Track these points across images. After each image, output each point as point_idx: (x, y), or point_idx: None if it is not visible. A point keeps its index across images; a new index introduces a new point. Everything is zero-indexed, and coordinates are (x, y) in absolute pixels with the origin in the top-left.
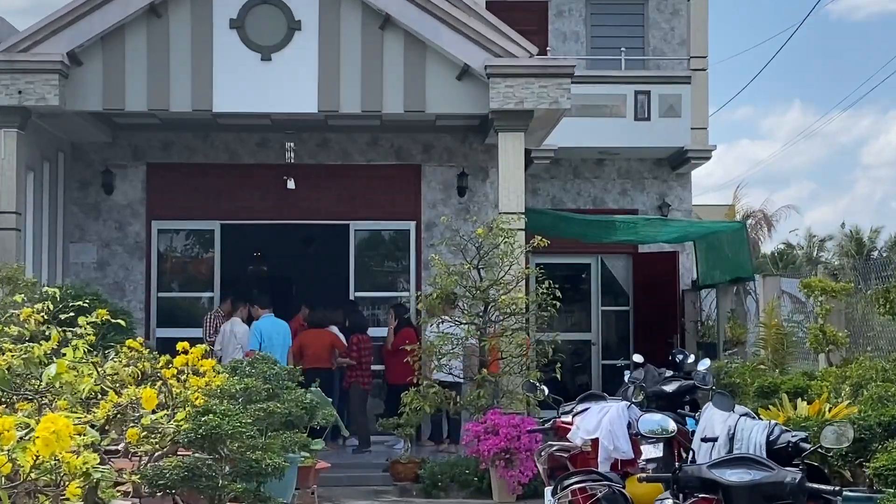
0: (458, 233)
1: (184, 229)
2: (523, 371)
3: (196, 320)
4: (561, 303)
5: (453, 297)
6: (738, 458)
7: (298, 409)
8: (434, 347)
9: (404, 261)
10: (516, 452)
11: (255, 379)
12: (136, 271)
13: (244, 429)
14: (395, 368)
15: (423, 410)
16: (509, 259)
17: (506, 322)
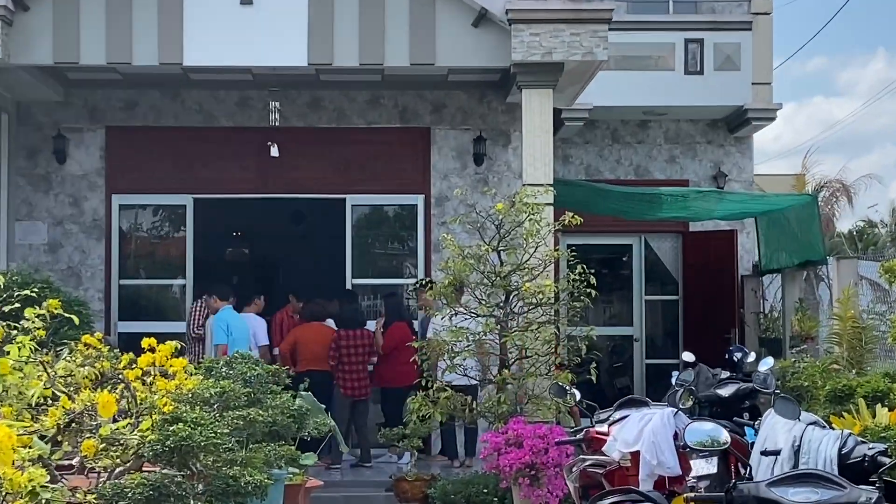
0: (475, 208)
1: (150, 204)
2: (551, 372)
3: (165, 311)
4: (597, 291)
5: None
6: (803, 474)
7: (285, 418)
8: (445, 344)
9: (411, 242)
10: (543, 468)
11: (233, 381)
12: (94, 254)
13: (220, 440)
14: (388, 370)
15: (434, 419)
16: (535, 239)
17: (531, 314)
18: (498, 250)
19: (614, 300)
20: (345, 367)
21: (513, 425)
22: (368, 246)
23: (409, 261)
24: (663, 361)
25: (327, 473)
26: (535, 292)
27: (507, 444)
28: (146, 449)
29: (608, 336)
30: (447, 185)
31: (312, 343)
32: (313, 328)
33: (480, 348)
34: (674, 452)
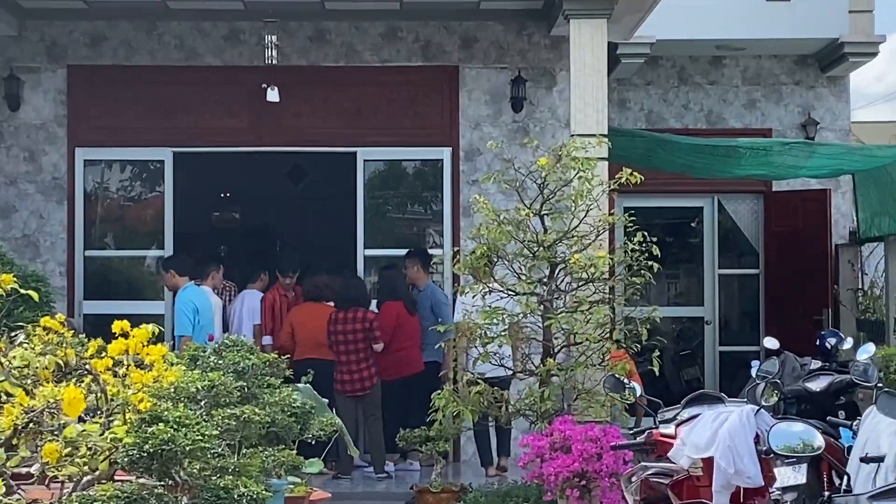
0: (513, 164)
1: (121, 160)
2: (605, 362)
3: (139, 289)
4: (660, 264)
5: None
6: None
7: (285, 417)
8: (477, 328)
9: (435, 204)
10: (596, 477)
11: (223, 373)
12: (54, 220)
13: (209, 444)
14: (381, 359)
15: (464, 417)
16: (586, 201)
17: (580, 292)
18: (541, 214)
19: (681, 275)
20: (340, 357)
21: (559, 426)
22: (384, 210)
23: (432, 227)
24: (741, 349)
25: (335, 483)
26: (585, 265)
27: (551, 448)
28: (120, 454)
29: (674, 318)
30: (479, 135)
31: (314, 327)
32: (314, 310)
33: (519, 333)
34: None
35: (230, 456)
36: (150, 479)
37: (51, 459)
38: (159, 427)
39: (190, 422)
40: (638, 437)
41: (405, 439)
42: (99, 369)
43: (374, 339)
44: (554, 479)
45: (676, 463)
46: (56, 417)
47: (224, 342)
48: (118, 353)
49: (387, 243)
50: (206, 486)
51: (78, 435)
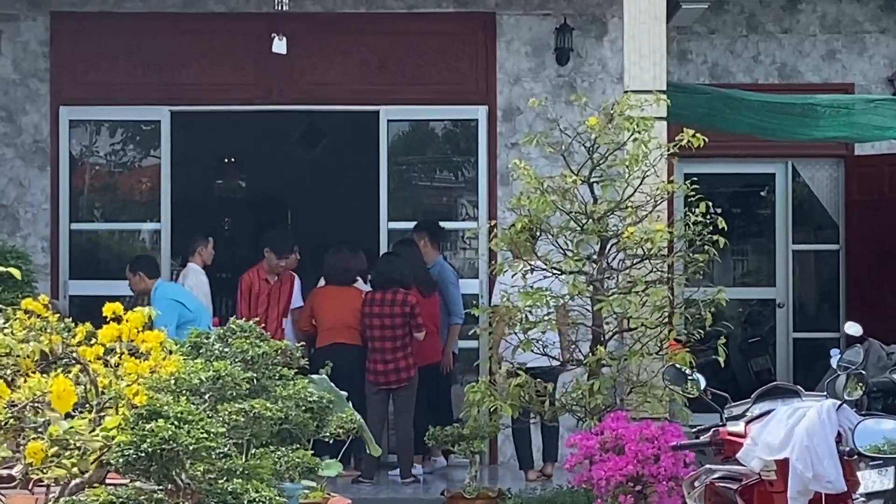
0: (558, 124)
1: (112, 120)
2: (664, 350)
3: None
4: (726, 239)
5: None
6: None
7: (300, 412)
8: (517, 312)
9: (468, 170)
10: (652, 482)
11: (230, 362)
12: (36, 188)
13: (214, 443)
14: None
15: (504, 413)
16: (641, 167)
17: (635, 270)
18: (590, 182)
19: (749, 251)
20: (374, 345)
21: (610, 423)
22: (410, 177)
23: (465, 197)
24: (818, 335)
25: (355, 488)
26: (641, 240)
27: (602, 448)
28: (113, 454)
29: (741, 300)
30: (519, 92)
31: (336, 312)
32: (339, 294)
33: (565, 317)
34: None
35: (238, 457)
36: (147, 482)
37: (35, 460)
38: (158, 423)
39: (193, 418)
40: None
41: (435, 438)
42: (88, 358)
43: (415, 326)
44: (605, 483)
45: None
46: (41, 412)
47: (231, 327)
48: (110, 340)
49: (413, 215)
50: (211, 491)
51: (65, 432)
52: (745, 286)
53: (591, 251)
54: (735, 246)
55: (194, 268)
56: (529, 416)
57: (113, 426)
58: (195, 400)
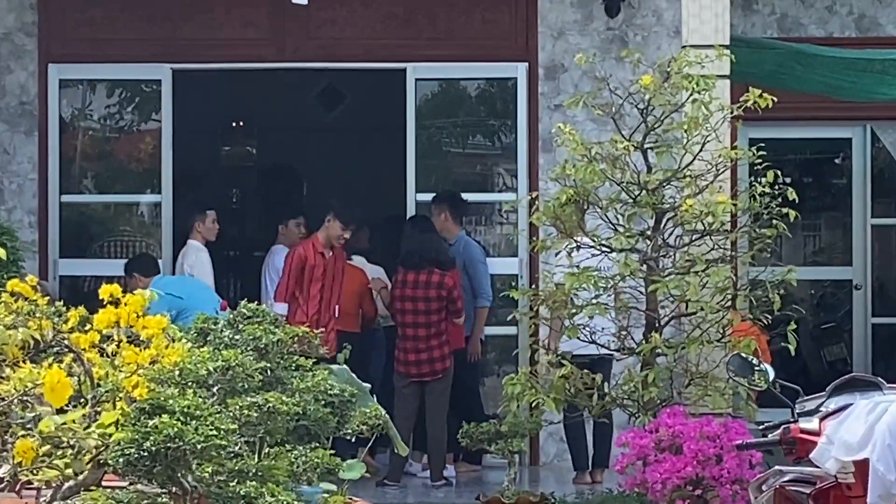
0: (607, 83)
1: (107, 79)
2: (727, 337)
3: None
4: (797, 212)
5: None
6: None
7: (319, 407)
8: (562, 295)
9: (506, 135)
10: (714, 485)
11: (240, 351)
12: (22, 156)
13: (224, 441)
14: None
15: (547, 408)
16: (701, 131)
17: (694, 248)
18: (643, 148)
19: (823, 225)
20: (406, 332)
21: (667, 419)
22: (440, 142)
23: (502, 165)
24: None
25: (380, 492)
26: (700, 214)
27: (657, 448)
28: (111, 454)
29: (813, 281)
30: (563, 47)
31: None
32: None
33: (616, 300)
34: None
35: (250, 456)
36: (150, 484)
37: (24, 460)
38: (162, 419)
39: (200, 413)
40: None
41: (469, 436)
42: (82, 346)
43: (454, 311)
44: (660, 487)
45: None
46: (31, 407)
47: (241, 311)
48: (106, 326)
49: (443, 186)
50: (221, 495)
51: (57, 429)
52: (818, 265)
53: (645, 226)
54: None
55: (194, 245)
56: (575, 410)
57: (110, 422)
58: (202, 393)
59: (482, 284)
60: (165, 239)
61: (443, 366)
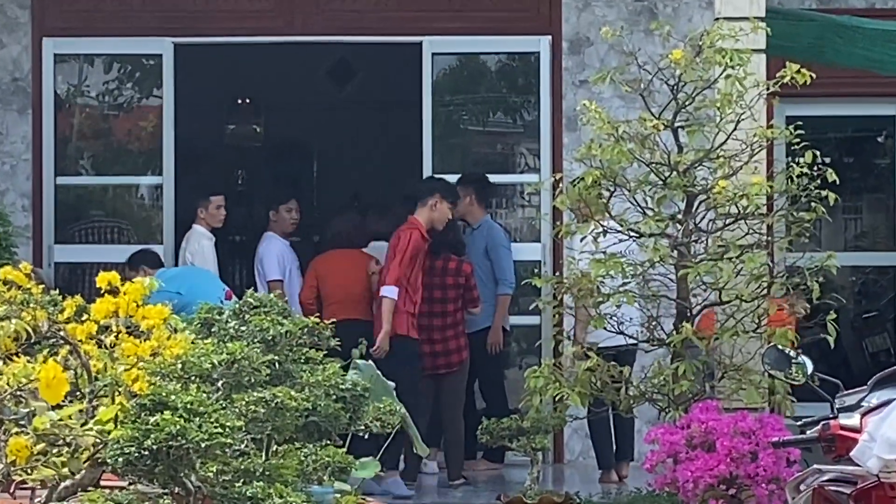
0: (635, 58)
1: (105, 54)
2: (763, 327)
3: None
4: (837, 194)
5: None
6: None
7: (330, 402)
8: (588, 282)
9: (528, 113)
10: (749, 484)
11: (246, 343)
12: (15, 135)
13: (229, 438)
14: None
15: (571, 403)
16: (735, 109)
17: (728, 232)
18: (674, 127)
19: (864, 208)
20: (422, 321)
21: (699, 414)
22: (458, 120)
23: (524, 144)
24: None
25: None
26: (734, 196)
27: (689, 445)
28: (110, 452)
29: (854, 267)
30: (589, 19)
31: (345, 276)
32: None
33: (645, 288)
34: None
35: (257, 455)
36: (150, 485)
37: (18, 458)
38: (164, 416)
39: (204, 409)
40: (808, 431)
41: (489, 433)
42: (79, 337)
43: (471, 300)
44: (692, 486)
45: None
46: (24, 403)
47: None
48: (104, 316)
49: (462, 166)
50: (226, 495)
51: (53, 425)
52: (860, 250)
53: (676, 209)
54: (847, 202)
55: (198, 231)
56: (604, 405)
57: (108, 418)
58: (206, 388)
59: (504, 270)
60: (167, 224)
61: (459, 358)
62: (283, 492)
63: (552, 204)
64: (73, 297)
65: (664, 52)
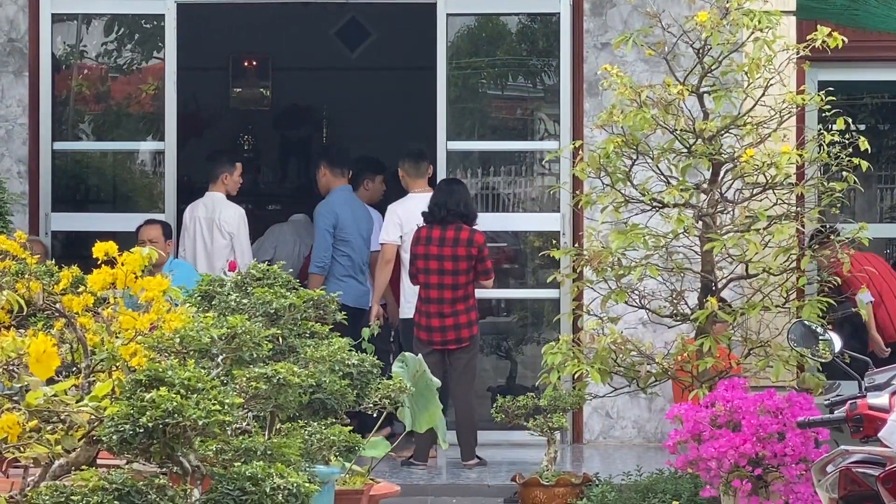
0: (660, 20)
1: (104, 14)
2: (790, 302)
3: (129, 196)
4: (870, 163)
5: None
6: None
7: (336, 378)
8: (609, 254)
9: (548, 77)
10: (776, 465)
11: (248, 317)
12: (11, 99)
13: (229, 416)
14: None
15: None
16: (764, 74)
17: (755, 203)
18: (700, 93)
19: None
20: (429, 294)
21: (724, 392)
22: (475, 85)
23: (544, 110)
24: None
25: (406, 472)
26: (763, 165)
27: (713, 423)
28: (105, 430)
29: (889, 240)
30: None
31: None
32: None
33: (669, 261)
34: None
35: (259, 433)
36: (147, 464)
37: (10, 436)
38: (161, 393)
39: (203, 385)
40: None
41: (504, 411)
42: (75, 310)
43: (484, 272)
44: (716, 466)
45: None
46: (17, 377)
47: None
48: (101, 288)
49: (478, 133)
50: (226, 476)
51: (46, 401)
52: (892, 221)
53: (701, 179)
54: (882, 171)
55: (221, 198)
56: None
57: (104, 394)
58: (205, 363)
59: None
60: (168, 191)
61: (469, 332)
62: (284, 472)
63: (572, 172)
64: (69, 268)
65: (690, 13)
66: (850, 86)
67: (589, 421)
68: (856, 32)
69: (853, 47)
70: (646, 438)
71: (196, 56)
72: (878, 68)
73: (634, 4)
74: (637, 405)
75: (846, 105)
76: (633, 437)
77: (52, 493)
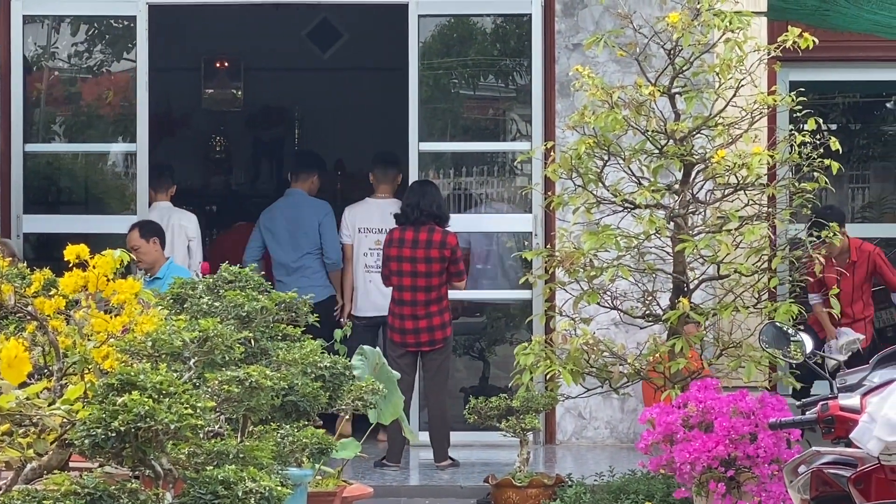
0: (631, 21)
1: (75, 15)
2: (762, 303)
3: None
4: (841, 164)
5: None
6: None
7: (308, 381)
8: (581, 255)
9: (520, 77)
10: (749, 466)
11: (220, 320)
12: None
13: (201, 420)
14: None
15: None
16: (735, 74)
17: (727, 203)
18: (671, 94)
19: (871, 178)
20: (402, 296)
21: (696, 393)
22: (447, 85)
23: (516, 110)
24: None
25: (378, 474)
26: (734, 166)
27: (686, 425)
28: (77, 433)
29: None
30: None
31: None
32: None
33: (640, 262)
34: None
35: (231, 436)
36: (119, 467)
37: None
38: (132, 396)
39: (175, 389)
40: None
41: (478, 412)
42: (47, 312)
43: (456, 273)
44: (689, 468)
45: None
46: None
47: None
48: (73, 291)
49: (450, 133)
50: (198, 479)
51: (18, 405)
52: (866, 222)
53: (672, 179)
54: (854, 171)
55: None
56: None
57: (76, 397)
58: (177, 367)
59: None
60: (140, 193)
61: (443, 334)
62: (256, 475)
63: (544, 173)
64: (41, 271)
65: (661, 14)
66: (822, 86)
67: (561, 422)
68: (826, 33)
69: (824, 48)
70: (618, 439)
71: (168, 57)
72: (848, 68)
73: (606, 5)
74: (610, 406)
75: (817, 105)
76: (606, 437)
77: (24, 497)
